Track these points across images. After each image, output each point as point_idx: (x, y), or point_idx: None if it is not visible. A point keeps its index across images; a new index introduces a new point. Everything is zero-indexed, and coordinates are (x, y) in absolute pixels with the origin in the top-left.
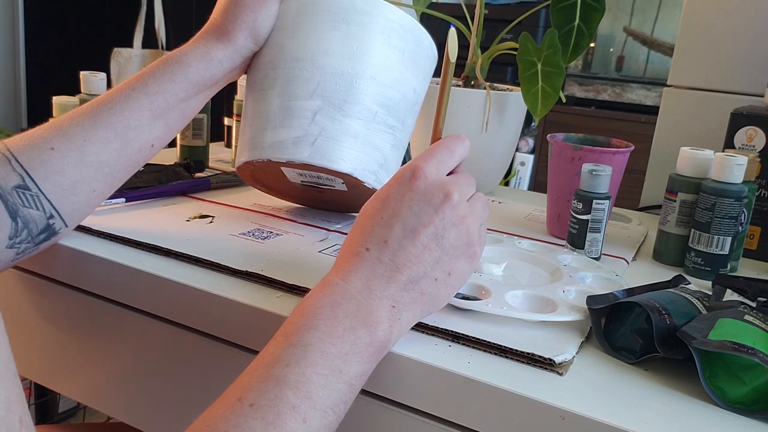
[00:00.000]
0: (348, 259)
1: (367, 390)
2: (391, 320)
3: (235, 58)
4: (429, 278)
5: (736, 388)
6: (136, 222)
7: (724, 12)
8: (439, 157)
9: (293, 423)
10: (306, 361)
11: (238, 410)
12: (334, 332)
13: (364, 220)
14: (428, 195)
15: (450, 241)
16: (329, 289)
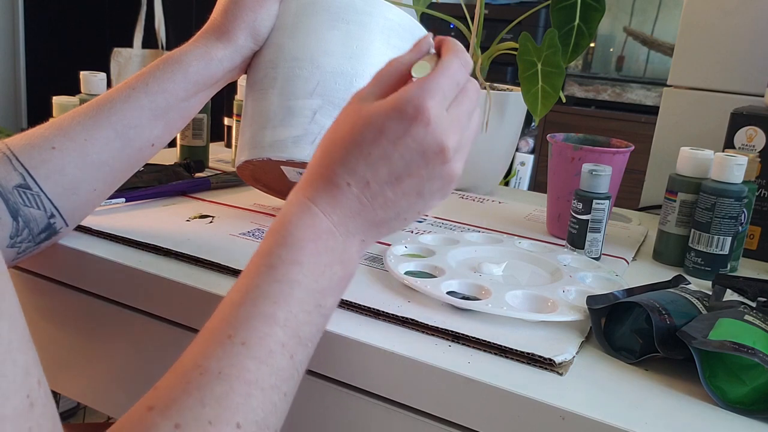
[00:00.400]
0: (327, 186)
1: (367, 390)
2: (359, 253)
3: (235, 58)
4: (399, 219)
5: (736, 388)
6: (136, 222)
7: (724, 12)
8: (446, 92)
9: (283, 360)
10: (293, 299)
11: (229, 349)
12: (317, 269)
13: (350, 146)
14: (424, 146)
15: (431, 190)
16: (310, 220)
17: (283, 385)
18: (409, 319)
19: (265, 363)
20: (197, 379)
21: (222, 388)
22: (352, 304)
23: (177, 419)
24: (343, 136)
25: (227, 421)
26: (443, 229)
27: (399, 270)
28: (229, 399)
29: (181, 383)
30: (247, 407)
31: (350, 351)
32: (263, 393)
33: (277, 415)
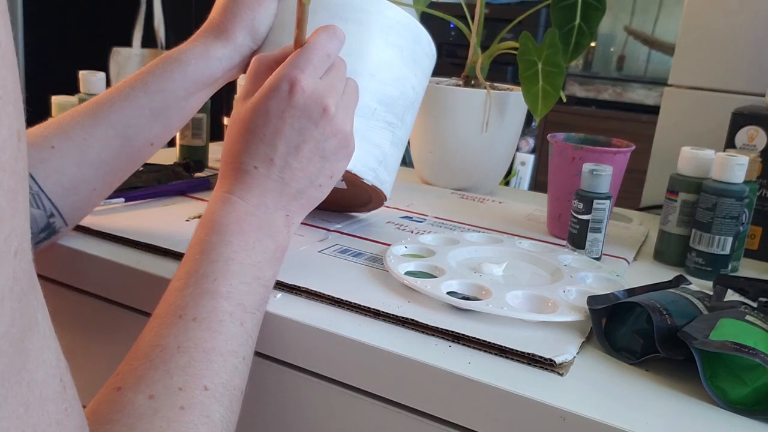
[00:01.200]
0: (239, 175)
1: (367, 390)
2: (287, 227)
3: (234, 57)
4: (314, 186)
5: (737, 388)
6: (136, 222)
7: (725, 12)
8: (316, 63)
9: (234, 328)
10: (230, 273)
11: (182, 326)
12: (246, 245)
13: (246, 135)
14: (308, 110)
15: (330, 150)
16: (230, 207)
17: (239, 350)
18: (409, 319)
19: (218, 332)
20: (159, 355)
21: (183, 358)
22: (352, 304)
23: (149, 391)
24: (238, 131)
25: (195, 385)
26: (443, 229)
27: (399, 270)
28: (192, 367)
29: (145, 362)
30: (211, 371)
31: (350, 351)
32: (223, 358)
33: (240, 377)
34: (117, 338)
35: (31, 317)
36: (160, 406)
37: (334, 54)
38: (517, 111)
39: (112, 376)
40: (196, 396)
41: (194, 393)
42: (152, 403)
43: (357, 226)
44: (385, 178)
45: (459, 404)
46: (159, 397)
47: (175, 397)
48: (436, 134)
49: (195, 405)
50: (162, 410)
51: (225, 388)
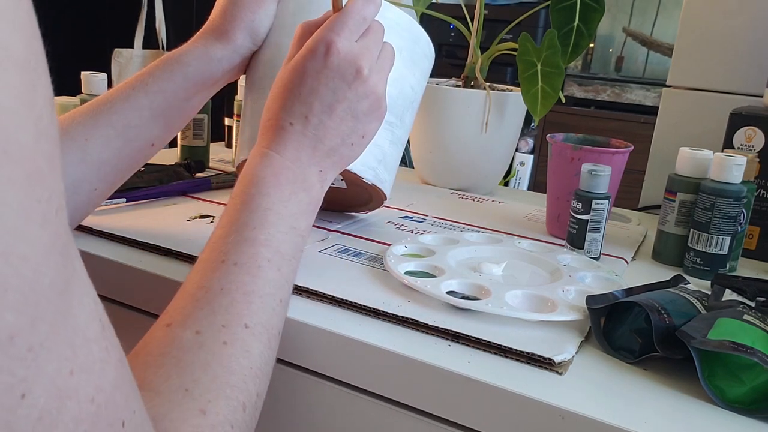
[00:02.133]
0: (276, 132)
1: (367, 390)
2: (321, 182)
3: (234, 58)
4: (346, 144)
5: (735, 387)
6: (137, 222)
7: (723, 13)
8: (351, 27)
9: (272, 273)
10: (268, 223)
11: (225, 269)
12: (282, 196)
13: (284, 94)
14: (342, 71)
15: (362, 110)
16: (267, 161)
17: (277, 293)
18: (409, 318)
19: (257, 276)
20: (204, 296)
21: (226, 299)
22: (352, 303)
23: (195, 327)
24: (277, 90)
25: (237, 323)
26: (443, 229)
27: (399, 270)
28: (234, 307)
29: (191, 301)
30: (251, 311)
31: (350, 350)
32: (261, 300)
33: (277, 317)
34: (119, 338)
35: (72, 267)
36: (205, 340)
37: (370, 18)
38: (516, 111)
39: (162, 315)
40: (238, 333)
41: (236, 330)
42: (198, 338)
43: (357, 226)
44: (385, 177)
45: (459, 403)
46: (204, 332)
47: (218, 333)
48: (436, 135)
49: (236, 341)
50: (207, 344)
51: (264, 327)
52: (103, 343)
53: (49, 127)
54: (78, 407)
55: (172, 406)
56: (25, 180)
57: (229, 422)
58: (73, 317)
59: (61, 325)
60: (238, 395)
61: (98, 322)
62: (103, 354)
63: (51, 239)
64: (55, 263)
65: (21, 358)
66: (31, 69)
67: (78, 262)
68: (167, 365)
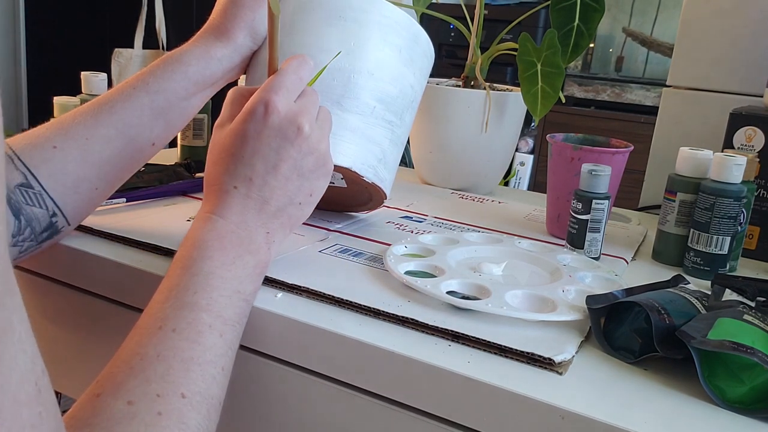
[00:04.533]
0: (219, 196)
1: (367, 390)
2: (267, 244)
3: (234, 57)
4: (294, 204)
5: (735, 387)
6: (137, 222)
7: (723, 12)
8: (288, 86)
9: (213, 338)
10: (210, 287)
11: (162, 336)
12: (226, 260)
13: (226, 158)
14: (283, 130)
15: (308, 168)
16: (211, 225)
17: (218, 360)
18: (408, 318)
19: (196, 342)
20: (138, 363)
21: (162, 366)
22: (352, 303)
23: (128, 397)
24: (218, 154)
25: (173, 393)
26: (443, 229)
27: (399, 270)
28: (170, 375)
29: (124, 369)
30: (188, 380)
31: (350, 350)
32: (200, 367)
33: (218, 386)
34: (118, 337)
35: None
36: (138, 411)
37: (306, 78)
38: (516, 111)
39: (92, 384)
40: (174, 403)
41: (172, 400)
42: (131, 409)
43: (357, 225)
44: (385, 176)
45: (458, 403)
46: (137, 402)
47: (153, 403)
48: (436, 135)
49: (172, 411)
50: (140, 415)
51: (202, 397)
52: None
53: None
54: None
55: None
56: None
57: None
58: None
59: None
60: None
61: (33, 385)
62: (34, 420)
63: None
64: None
65: None
66: None
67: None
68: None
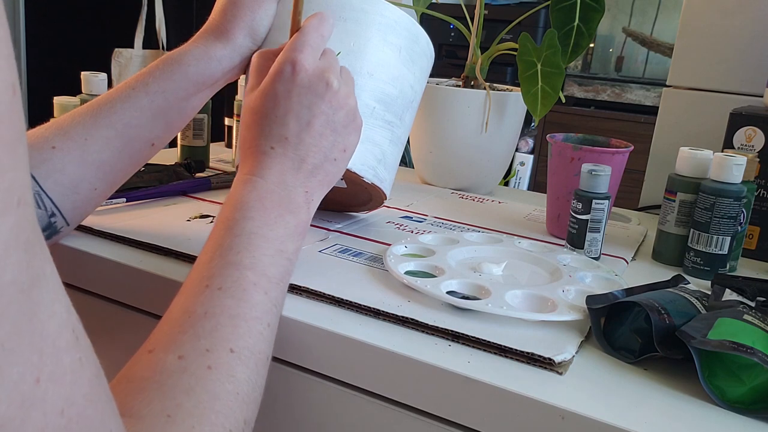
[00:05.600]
0: (257, 157)
1: (367, 390)
2: (307, 203)
3: (234, 58)
4: (329, 160)
5: (735, 387)
6: (137, 222)
7: (723, 12)
8: (312, 44)
9: (258, 296)
10: (253, 247)
11: (209, 294)
12: (267, 220)
13: (259, 119)
14: (313, 87)
15: (340, 122)
16: (251, 186)
17: (264, 317)
18: (409, 318)
19: (242, 300)
20: (187, 320)
21: (210, 323)
22: (352, 303)
23: (178, 352)
24: (251, 118)
25: (222, 348)
26: (443, 229)
27: (399, 270)
28: (218, 331)
29: (174, 326)
30: (236, 335)
31: (350, 350)
32: (247, 324)
33: (265, 342)
34: (119, 337)
35: (39, 269)
36: (189, 365)
37: (327, 36)
38: (516, 111)
39: (145, 342)
40: (222, 357)
41: (220, 354)
42: (181, 363)
43: (357, 226)
44: (385, 176)
45: (458, 403)
46: (187, 357)
47: (202, 358)
48: (436, 135)
49: (221, 365)
50: (190, 369)
51: (250, 352)
52: (76, 354)
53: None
54: (44, 419)
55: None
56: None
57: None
58: (41, 322)
59: (25, 327)
60: (224, 422)
61: (71, 331)
62: (75, 365)
63: (11, 232)
64: (17, 260)
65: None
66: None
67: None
68: (149, 390)
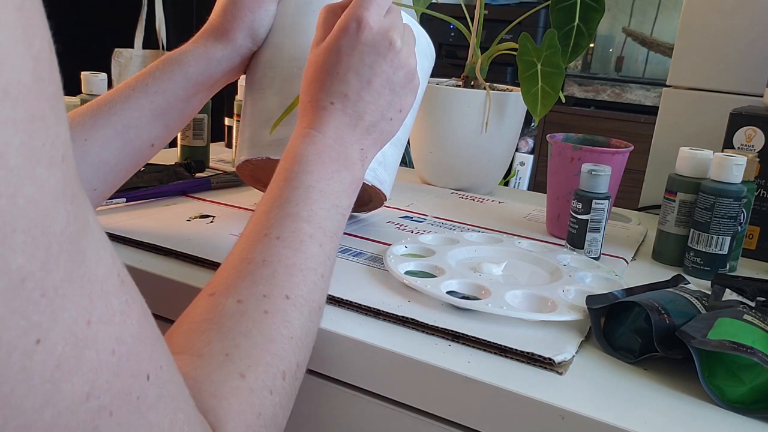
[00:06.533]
0: (316, 112)
1: (367, 389)
2: (362, 160)
3: (234, 58)
4: (385, 119)
5: (735, 387)
6: (137, 222)
7: (722, 12)
8: (379, 2)
9: (313, 248)
10: (311, 200)
11: (267, 243)
12: (325, 174)
13: (321, 75)
14: (376, 45)
15: (399, 82)
16: (310, 140)
17: (318, 268)
18: (409, 318)
19: (298, 250)
20: (246, 267)
21: (268, 270)
22: (352, 303)
23: (237, 296)
24: (313, 72)
25: (278, 294)
26: (443, 229)
27: (399, 270)
28: (275, 278)
29: (234, 272)
30: (292, 284)
31: (350, 350)
32: (302, 273)
33: (318, 292)
34: None
35: (84, 219)
36: (247, 309)
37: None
38: (516, 111)
39: (206, 286)
40: (279, 303)
41: (277, 300)
42: (240, 306)
43: (357, 226)
44: (385, 177)
45: (458, 403)
46: (246, 301)
47: (259, 303)
48: (436, 135)
49: (277, 310)
50: (249, 312)
51: (305, 300)
52: (122, 297)
53: (49, 70)
54: (97, 357)
55: (212, 369)
56: (27, 121)
57: (268, 388)
58: (89, 267)
59: (76, 273)
60: (278, 363)
61: (116, 276)
62: (123, 307)
63: (59, 185)
64: (65, 210)
65: (34, 302)
66: (26, 10)
67: (92, 216)
68: (209, 331)
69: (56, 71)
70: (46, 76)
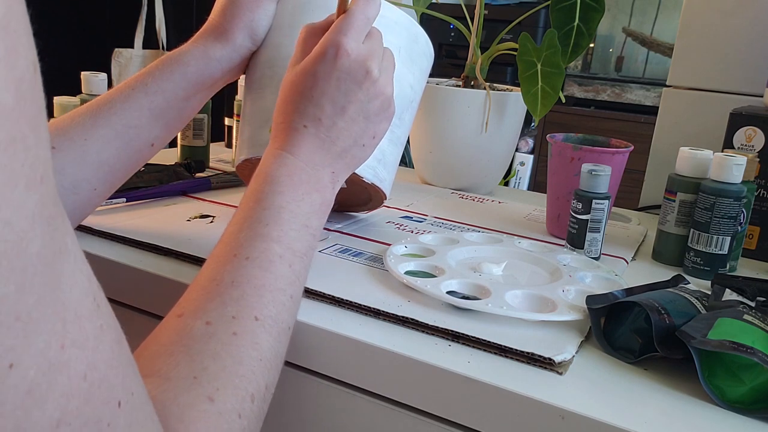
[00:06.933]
0: (289, 133)
1: (367, 389)
2: (332, 183)
3: (233, 58)
4: (358, 145)
5: (735, 387)
6: (137, 222)
7: (722, 12)
8: (358, 29)
9: (283, 268)
10: (281, 220)
11: (236, 263)
12: (296, 196)
13: (296, 97)
14: (352, 73)
15: (373, 111)
16: (282, 161)
17: (288, 288)
18: (409, 318)
19: (268, 271)
20: (215, 288)
21: (237, 292)
22: (352, 303)
23: (206, 318)
24: (289, 92)
25: (247, 316)
26: (443, 229)
27: (399, 270)
28: (244, 299)
29: (202, 293)
30: (261, 305)
31: (350, 350)
32: (272, 294)
33: (288, 313)
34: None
35: (61, 241)
36: (216, 331)
37: (372, 18)
38: (516, 111)
39: (174, 307)
40: (248, 324)
41: (246, 322)
42: (208, 329)
43: (357, 226)
44: (384, 176)
45: (458, 403)
46: (215, 323)
47: (228, 324)
48: (436, 135)
49: (246, 332)
50: (217, 335)
51: (274, 321)
52: (97, 322)
53: (31, 90)
54: (69, 383)
55: (180, 392)
56: (7, 142)
57: (237, 411)
58: (63, 291)
59: (49, 297)
60: (247, 386)
61: (92, 300)
62: (96, 332)
63: (36, 207)
64: (41, 232)
65: (8, 326)
66: (11, 30)
67: (70, 238)
68: (177, 353)
69: (40, 91)
70: (29, 97)
